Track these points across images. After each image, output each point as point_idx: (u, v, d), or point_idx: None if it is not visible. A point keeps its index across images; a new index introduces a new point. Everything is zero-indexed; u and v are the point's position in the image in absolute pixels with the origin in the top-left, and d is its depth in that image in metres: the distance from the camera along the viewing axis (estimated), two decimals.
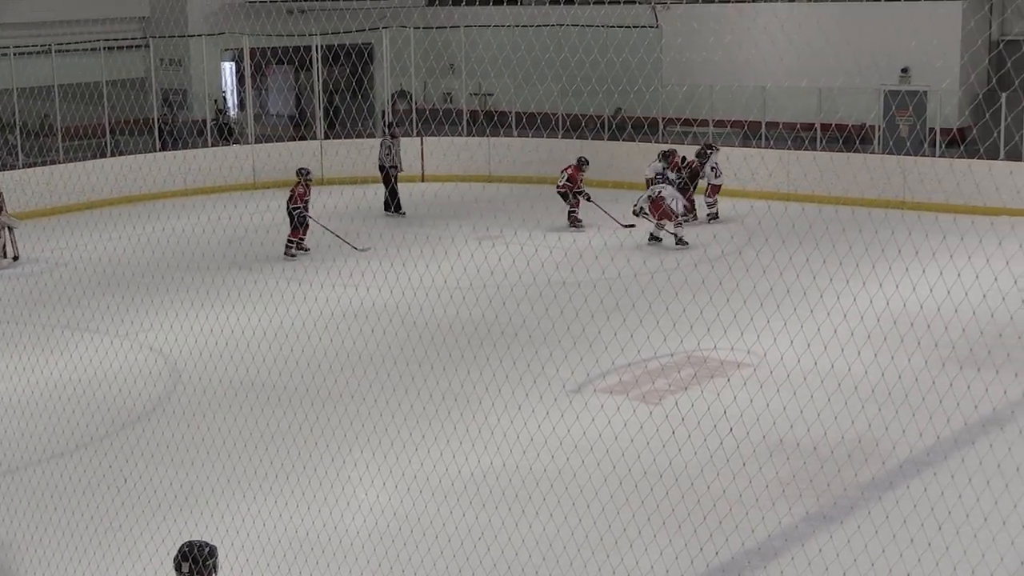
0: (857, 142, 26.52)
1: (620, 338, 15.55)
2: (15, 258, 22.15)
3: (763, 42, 28.24)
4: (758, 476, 11.83)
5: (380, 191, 26.70)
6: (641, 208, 22.63)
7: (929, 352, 15.30)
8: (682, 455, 12.18)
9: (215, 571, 7.33)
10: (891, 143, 26.86)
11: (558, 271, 19.44)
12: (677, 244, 22.09)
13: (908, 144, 26.57)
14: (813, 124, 27.00)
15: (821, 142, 26.64)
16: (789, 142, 26.93)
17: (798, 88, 27.35)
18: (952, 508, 10.70)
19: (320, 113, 29.93)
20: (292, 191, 22.69)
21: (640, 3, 30.40)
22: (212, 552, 7.39)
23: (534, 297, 18.47)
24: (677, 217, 22.50)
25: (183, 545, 7.47)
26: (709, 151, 25.06)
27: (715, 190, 24.89)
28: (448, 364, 15.64)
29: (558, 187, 24.89)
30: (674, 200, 22.66)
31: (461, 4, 32.53)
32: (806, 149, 26.38)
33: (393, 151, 26.56)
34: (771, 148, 26.78)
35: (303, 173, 22.82)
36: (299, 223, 22.60)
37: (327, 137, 29.84)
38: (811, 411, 13.29)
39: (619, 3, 30.36)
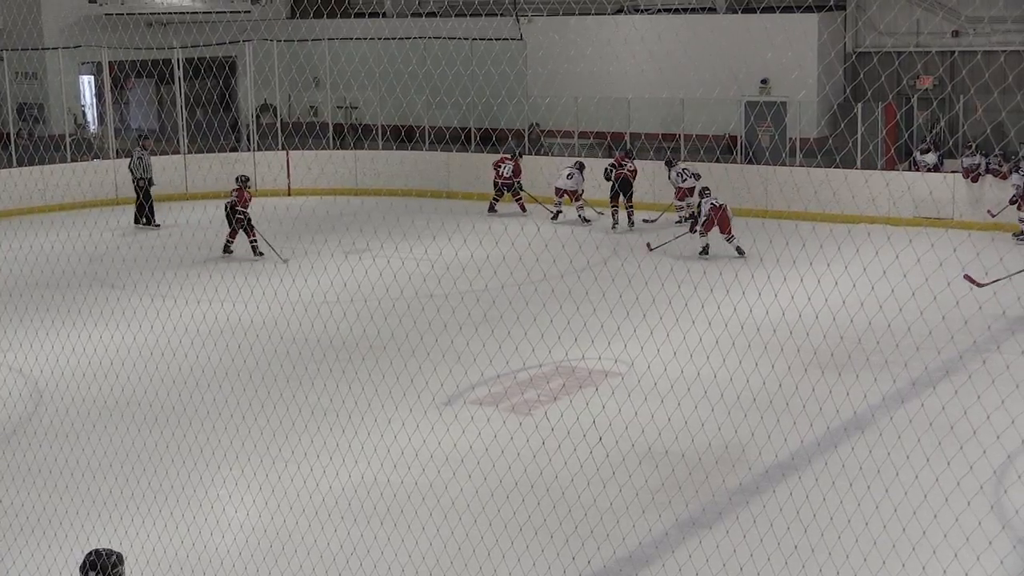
0: (718, 152, 26.94)
1: (489, 350, 15.62)
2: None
3: (625, 54, 28.58)
4: (628, 484, 11.93)
5: (252, 204, 26.48)
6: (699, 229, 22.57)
7: (792, 358, 15.57)
8: (553, 465, 12.26)
9: None
10: (751, 153, 27.28)
11: (425, 284, 19.41)
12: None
13: (768, 154, 27.02)
14: (676, 134, 27.33)
15: (684, 152, 26.97)
16: (651, 153, 27.21)
17: (661, 99, 27.67)
18: (817, 511, 10.90)
19: (183, 127, 29.58)
20: (239, 195, 23.43)
21: (503, 15, 30.51)
22: (119, 560, 7.21)
23: (402, 310, 18.46)
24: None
25: (89, 553, 7.24)
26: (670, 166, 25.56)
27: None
28: (317, 379, 15.54)
29: (503, 179, 25.76)
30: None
31: (324, 17, 32.41)
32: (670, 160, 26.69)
33: (143, 163, 26.38)
34: (636, 159, 27.02)
35: (242, 180, 23.57)
36: (239, 227, 23.45)
37: (190, 151, 29.50)
38: (679, 418, 13.45)
39: (481, 16, 30.48)
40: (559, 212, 25.97)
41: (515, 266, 20.09)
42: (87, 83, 31.86)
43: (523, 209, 26.97)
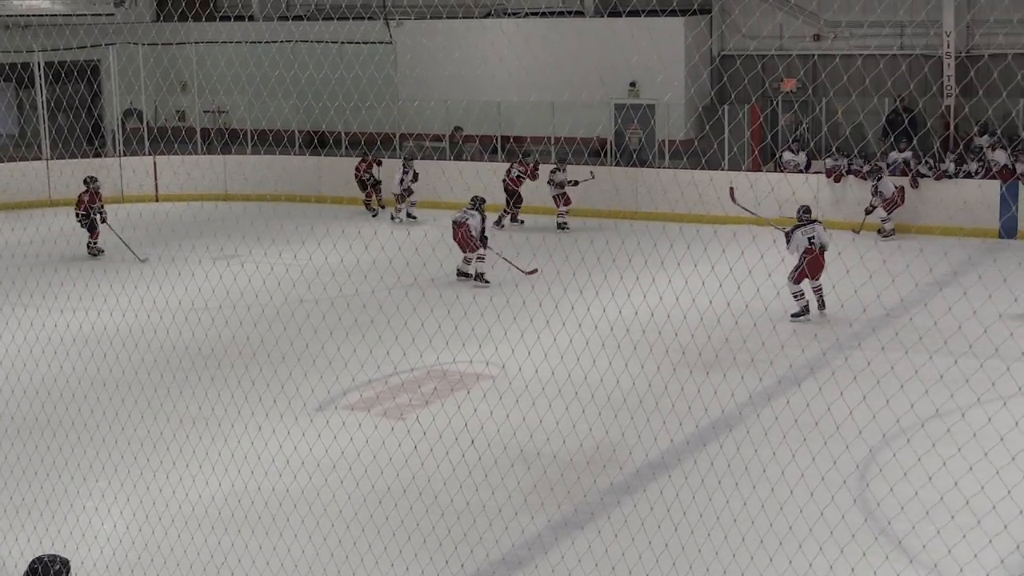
0: (586, 154, 27.13)
1: (360, 355, 15.56)
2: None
3: (494, 58, 28.65)
4: (500, 486, 11.97)
5: (120, 210, 26.14)
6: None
7: (661, 358, 15.75)
8: (425, 469, 12.27)
9: None
10: (620, 155, 27.53)
11: (295, 289, 19.28)
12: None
13: (636, 155, 27.28)
14: (546, 137, 27.48)
15: (554, 155, 27.09)
16: (519, 155, 27.32)
17: (531, 103, 27.80)
18: (687, 508, 11.05)
19: (45, 132, 29.07)
20: (79, 197, 23.45)
21: (371, 19, 30.41)
22: (65, 566, 7.05)
23: (272, 316, 18.31)
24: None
25: (32, 561, 7.08)
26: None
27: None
28: (186, 387, 15.39)
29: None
30: None
31: (189, 20, 32.06)
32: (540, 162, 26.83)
33: None
34: (506, 161, 27.12)
35: (90, 181, 23.52)
36: (90, 227, 23.40)
37: (53, 157, 28.98)
38: (550, 420, 13.53)
39: (350, 19, 30.36)
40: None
41: (385, 270, 20.08)
42: None
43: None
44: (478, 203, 21.42)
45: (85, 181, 23.70)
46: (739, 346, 16.25)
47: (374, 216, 26.94)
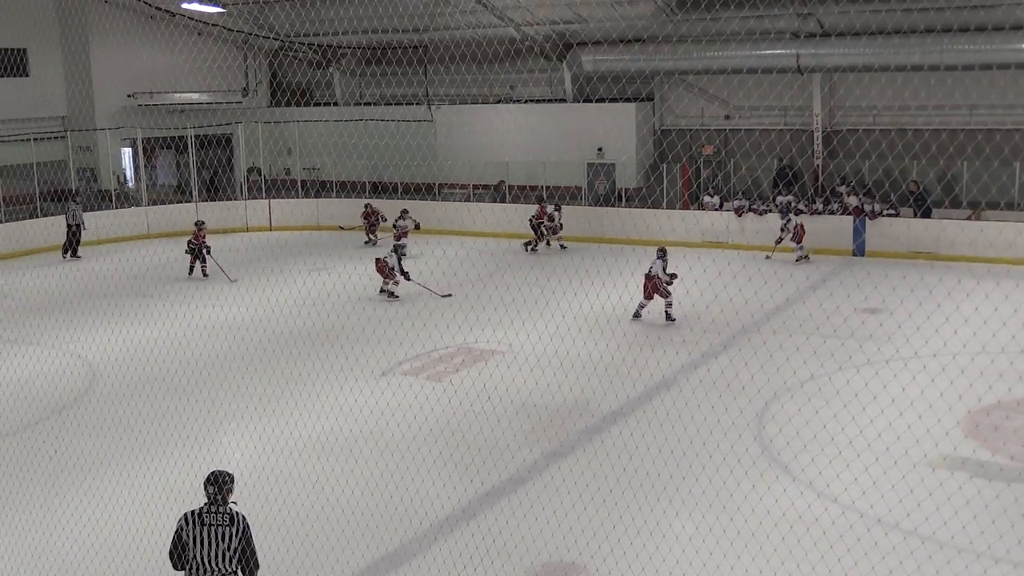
0: (568, 198, 27.07)
1: (411, 336, 15.57)
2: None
3: (503, 130, 28.63)
4: (509, 428, 11.91)
5: (245, 237, 26.20)
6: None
7: (620, 338, 15.68)
8: (456, 415, 12.23)
9: (230, 493, 6.76)
10: (591, 198, 27.48)
11: (366, 290, 19.31)
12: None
13: (602, 198, 27.23)
14: (539, 186, 27.44)
15: (544, 198, 27.06)
16: (522, 198, 27.29)
17: (528, 161, 27.77)
18: (638, 445, 11.00)
19: (194, 183, 29.03)
20: (193, 234, 22.18)
21: (418, 104, 30.39)
22: (231, 478, 6.82)
23: (350, 309, 18.31)
24: None
25: (213, 473, 6.80)
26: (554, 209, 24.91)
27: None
28: (291, 358, 15.34)
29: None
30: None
31: (294, 105, 32.02)
32: (534, 203, 26.80)
33: (74, 213, 24.83)
34: (510, 203, 27.07)
35: (199, 223, 22.35)
36: (195, 255, 22.00)
37: (201, 200, 28.95)
38: (543, 382, 13.52)
39: (403, 104, 30.38)
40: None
41: (427, 279, 20.03)
42: (127, 153, 31.10)
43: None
44: (398, 248, 19.65)
45: (196, 223, 22.42)
46: (674, 330, 16.18)
47: (369, 244, 25.72)
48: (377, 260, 19.75)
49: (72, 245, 24.60)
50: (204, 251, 21.96)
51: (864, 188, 23.92)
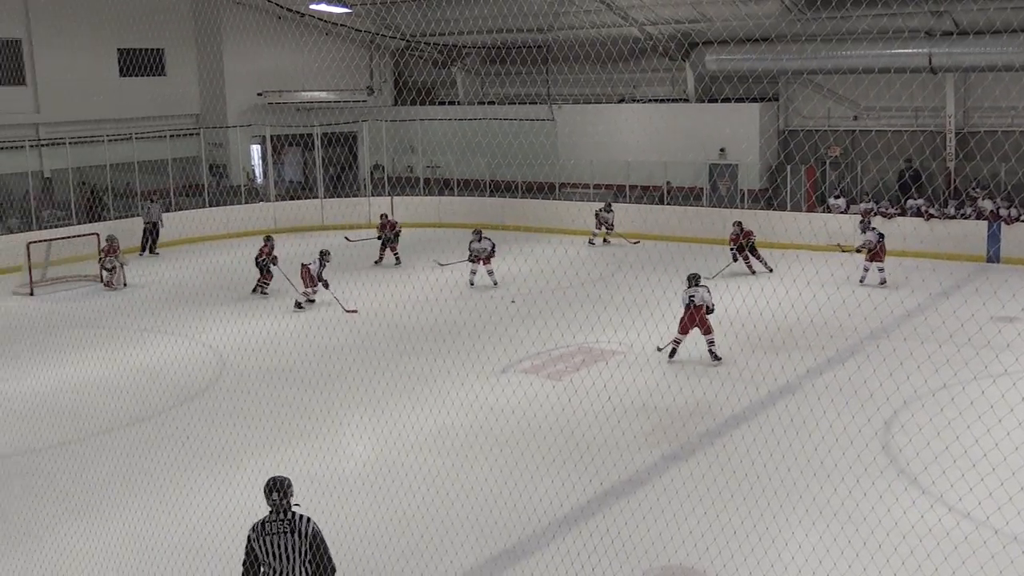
0: (692, 199, 26.77)
1: (532, 334, 15.61)
2: (124, 285, 21.69)
3: (625, 130, 28.48)
4: (628, 429, 11.86)
5: (367, 234, 26.66)
6: None
7: (742, 342, 15.44)
8: (576, 414, 12.22)
9: (292, 497, 6.67)
10: (714, 198, 27.12)
11: (490, 288, 19.45)
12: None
13: (726, 199, 26.85)
14: (660, 186, 27.23)
15: (666, 198, 26.84)
16: (645, 198, 27.12)
17: (650, 161, 27.56)
18: (760, 451, 10.82)
19: (320, 180, 29.67)
20: (260, 249, 20.58)
21: (539, 104, 30.45)
22: (290, 484, 6.73)
23: (472, 306, 18.46)
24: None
25: (271, 480, 6.68)
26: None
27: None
28: (413, 353, 15.55)
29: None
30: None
31: (417, 104, 32.45)
32: (656, 203, 26.60)
33: (150, 212, 25.60)
34: (631, 203, 26.90)
35: (268, 238, 20.79)
36: (263, 270, 20.56)
37: (326, 196, 29.59)
38: (663, 383, 13.41)
39: (524, 103, 30.48)
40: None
41: (550, 277, 20.07)
42: (256, 150, 31.99)
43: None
44: (324, 255, 18.87)
45: (265, 238, 20.81)
46: (799, 334, 15.84)
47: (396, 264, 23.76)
48: (303, 266, 18.95)
49: (149, 243, 25.55)
50: (269, 266, 20.45)
51: (1001, 192, 23.06)
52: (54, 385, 14.49)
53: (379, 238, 23.60)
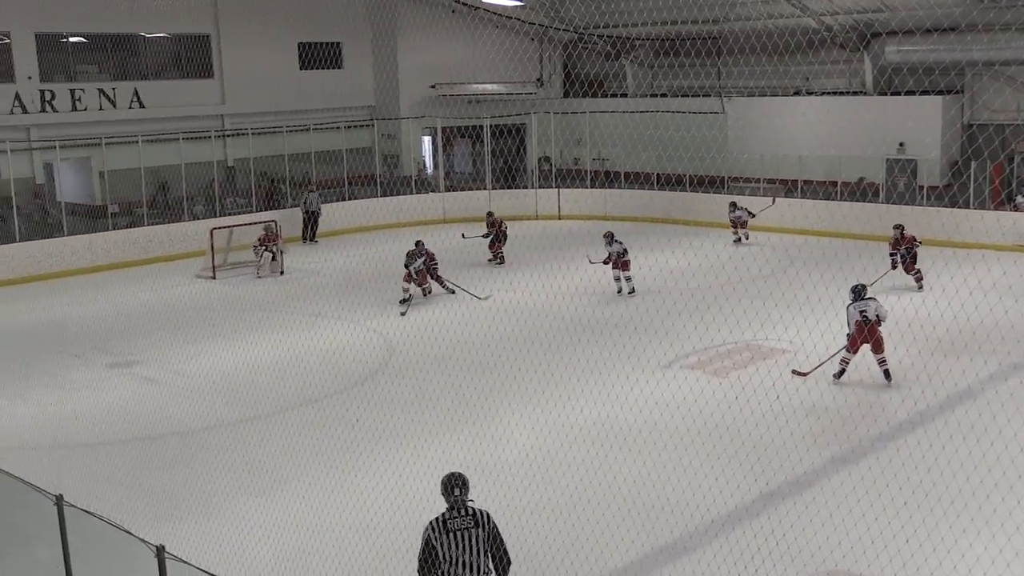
0: (870, 195, 25.89)
1: (699, 330, 15.41)
2: (281, 272, 22.48)
3: (799, 124, 27.75)
4: (797, 430, 11.56)
5: (534, 225, 26.85)
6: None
7: (921, 344, 14.83)
8: (742, 413, 11.99)
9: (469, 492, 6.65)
10: (894, 196, 26.14)
11: (655, 282, 19.27)
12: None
13: (906, 196, 25.84)
14: (836, 181, 26.43)
15: (841, 194, 26.03)
16: (820, 194, 26.36)
17: (825, 156, 26.79)
18: (937, 457, 10.38)
19: (489, 171, 30.05)
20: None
21: (709, 96, 29.99)
22: (467, 480, 6.69)
23: (637, 299, 18.37)
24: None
25: (451, 476, 6.65)
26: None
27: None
28: (576, 344, 15.58)
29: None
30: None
31: (586, 96, 32.45)
32: (831, 199, 25.81)
33: (308, 201, 26.30)
34: (805, 198, 26.19)
35: (419, 243, 19.62)
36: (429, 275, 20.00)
37: (494, 188, 29.94)
38: (834, 384, 13.02)
39: (695, 96, 30.08)
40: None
41: (718, 272, 19.76)
42: (427, 141, 32.67)
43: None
44: (414, 256, 18.75)
45: (416, 243, 19.64)
46: (982, 338, 15.09)
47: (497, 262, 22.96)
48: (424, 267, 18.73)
49: (310, 231, 26.32)
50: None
51: None
52: (232, 365, 15.17)
53: (486, 235, 23.12)
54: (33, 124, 25.08)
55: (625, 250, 19.18)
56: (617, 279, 19.22)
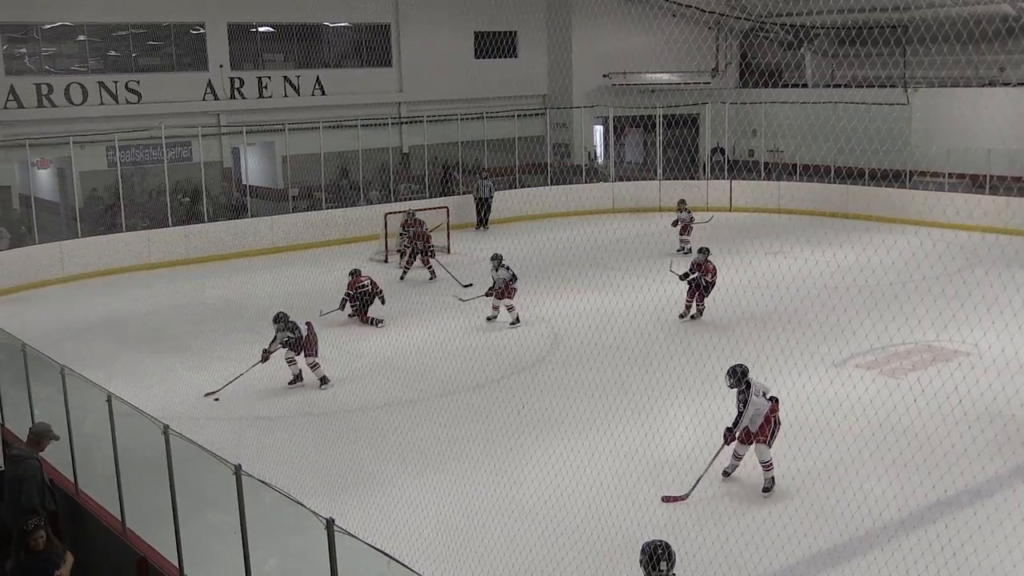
0: None
1: (876, 328, 14.85)
2: (431, 277, 20.50)
3: (990, 116, 26.34)
4: (980, 437, 10.96)
5: (706, 217, 26.41)
6: None
7: None
8: (920, 416, 11.44)
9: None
10: None
11: (832, 278, 18.62)
12: None
13: None
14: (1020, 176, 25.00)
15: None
16: (1015, 190, 24.97)
17: (1014, 150, 25.37)
18: None
19: (660, 161, 29.72)
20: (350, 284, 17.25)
21: (892, 87, 28.81)
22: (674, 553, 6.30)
23: (812, 296, 17.79)
24: None
25: (658, 546, 6.27)
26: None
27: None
28: (742, 340, 15.18)
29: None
30: None
31: (761, 86, 31.70)
32: (1021, 196, 24.43)
33: (481, 187, 26.63)
34: (991, 195, 24.85)
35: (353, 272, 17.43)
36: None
37: (664, 179, 29.59)
38: (1014, 389, 12.31)
39: (876, 87, 28.95)
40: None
41: (890, 269, 18.96)
42: (598, 131, 32.55)
43: None
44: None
45: (351, 273, 17.29)
46: None
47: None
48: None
49: (482, 218, 26.56)
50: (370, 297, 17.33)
51: None
52: (399, 346, 15.46)
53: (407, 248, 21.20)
54: (223, 110, 26.25)
55: (514, 276, 16.82)
56: (496, 308, 16.92)
